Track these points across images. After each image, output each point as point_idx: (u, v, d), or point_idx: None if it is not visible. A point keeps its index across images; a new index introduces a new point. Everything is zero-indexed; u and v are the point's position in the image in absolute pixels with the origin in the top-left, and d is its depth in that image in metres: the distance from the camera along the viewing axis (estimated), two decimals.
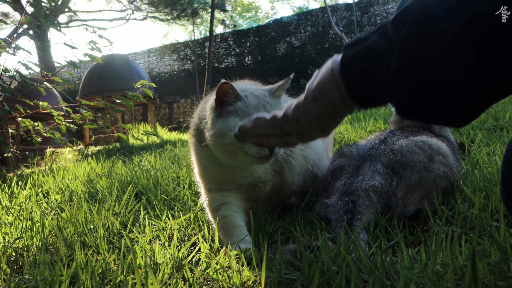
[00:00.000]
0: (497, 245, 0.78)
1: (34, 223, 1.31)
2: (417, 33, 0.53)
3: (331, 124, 0.67)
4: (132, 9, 12.64)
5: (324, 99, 0.64)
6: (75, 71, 11.11)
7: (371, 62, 0.58)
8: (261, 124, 0.74)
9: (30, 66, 3.13)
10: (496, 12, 0.48)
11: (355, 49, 0.61)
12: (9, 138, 3.78)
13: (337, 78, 0.62)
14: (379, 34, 0.59)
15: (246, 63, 9.92)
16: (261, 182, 1.22)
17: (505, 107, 2.89)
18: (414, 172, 1.14)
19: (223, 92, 1.03)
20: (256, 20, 20.60)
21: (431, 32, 0.53)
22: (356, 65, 0.60)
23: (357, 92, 0.61)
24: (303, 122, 0.68)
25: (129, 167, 2.48)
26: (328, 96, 0.63)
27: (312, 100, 0.65)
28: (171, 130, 6.48)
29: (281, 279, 0.79)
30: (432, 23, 0.52)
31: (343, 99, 0.62)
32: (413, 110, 0.59)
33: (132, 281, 0.80)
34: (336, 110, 0.64)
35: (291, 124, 0.69)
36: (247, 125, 0.77)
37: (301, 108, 0.67)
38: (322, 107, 0.65)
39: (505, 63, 0.51)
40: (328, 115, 0.65)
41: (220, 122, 1.03)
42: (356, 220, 1.03)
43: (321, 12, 9.02)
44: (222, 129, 1.02)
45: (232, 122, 1.01)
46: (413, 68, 0.54)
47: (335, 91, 0.62)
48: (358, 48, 0.60)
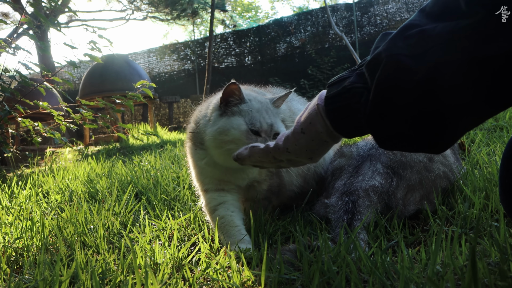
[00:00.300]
0: (497, 245, 0.78)
1: (34, 223, 1.31)
2: (388, 79, 0.60)
3: (319, 153, 0.75)
4: (132, 9, 12.64)
5: (311, 132, 0.72)
6: (75, 71, 11.11)
7: (350, 101, 0.66)
8: (256, 153, 0.83)
9: (30, 66, 3.13)
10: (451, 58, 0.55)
11: (336, 87, 0.68)
12: (9, 138, 3.78)
13: (322, 113, 0.70)
14: (357, 75, 0.67)
15: (246, 63, 9.92)
16: (256, 181, 1.23)
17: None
18: (414, 172, 1.14)
19: (230, 92, 1.06)
20: (256, 20, 20.61)
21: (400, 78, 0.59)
22: (337, 103, 0.68)
23: (340, 126, 0.69)
24: (293, 152, 0.76)
25: (129, 167, 2.48)
26: (315, 130, 0.71)
27: (300, 132, 0.74)
28: (171, 130, 6.49)
29: (281, 279, 0.79)
30: (401, 70, 0.59)
31: (328, 132, 0.70)
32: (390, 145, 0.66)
33: (132, 281, 0.80)
34: (322, 141, 0.72)
35: (282, 154, 0.78)
36: (243, 152, 0.86)
37: (291, 140, 0.75)
38: (309, 138, 0.73)
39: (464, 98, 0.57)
40: (316, 145, 0.73)
41: (224, 120, 1.06)
42: (356, 220, 1.03)
43: (321, 12, 9.02)
44: (225, 126, 1.04)
45: (235, 121, 1.04)
46: (386, 111, 0.62)
47: (321, 125, 0.70)
48: (339, 87, 0.68)
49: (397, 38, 0.61)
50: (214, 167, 1.16)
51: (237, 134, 1.03)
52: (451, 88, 0.56)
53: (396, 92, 0.60)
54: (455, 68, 0.55)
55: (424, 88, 0.58)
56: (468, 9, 0.54)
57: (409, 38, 0.59)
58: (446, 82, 0.56)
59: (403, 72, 0.59)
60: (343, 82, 0.68)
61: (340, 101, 0.67)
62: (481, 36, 0.53)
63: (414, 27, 0.60)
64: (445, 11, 0.58)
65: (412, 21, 0.61)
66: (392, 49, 0.60)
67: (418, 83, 0.58)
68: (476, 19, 0.53)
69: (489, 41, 0.53)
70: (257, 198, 1.23)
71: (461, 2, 0.55)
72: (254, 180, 1.22)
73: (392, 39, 0.61)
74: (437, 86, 0.57)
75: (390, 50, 0.60)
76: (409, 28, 0.60)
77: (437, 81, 0.57)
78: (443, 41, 0.56)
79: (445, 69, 0.56)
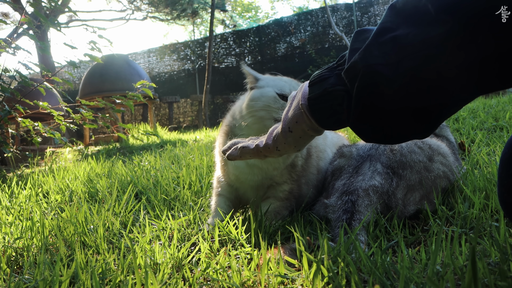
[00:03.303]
0: (497, 245, 0.78)
1: (34, 223, 1.31)
2: (366, 89, 0.63)
3: (305, 144, 0.81)
4: (132, 9, 12.64)
5: (298, 130, 0.77)
6: (75, 71, 11.11)
7: (332, 103, 0.70)
8: (246, 153, 0.87)
9: (30, 66, 3.13)
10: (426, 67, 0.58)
11: (318, 88, 0.72)
12: (9, 138, 3.78)
13: (306, 113, 0.74)
14: (337, 76, 0.70)
15: (246, 63, 9.92)
16: (275, 182, 1.26)
17: (505, 107, 2.89)
18: (414, 172, 1.14)
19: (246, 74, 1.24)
20: (256, 20, 20.61)
21: (378, 87, 0.62)
22: (320, 104, 0.72)
23: (326, 123, 0.73)
24: (282, 149, 0.81)
25: (129, 167, 2.48)
26: (301, 128, 0.76)
27: (288, 131, 0.78)
28: (171, 130, 6.48)
29: (281, 279, 0.79)
30: (378, 80, 0.62)
31: (314, 128, 0.75)
32: (375, 140, 0.72)
33: (132, 281, 0.80)
34: (309, 136, 0.78)
35: (273, 152, 0.83)
36: (233, 153, 0.89)
37: (280, 139, 0.80)
38: (297, 136, 0.78)
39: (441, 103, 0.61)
40: (303, 140, 0.79)
41: (254, 91, 1.19)
42: (355, 220, 1.03)
43: (321, 12, 9.02)
44: (255, 94, 1.17)
45: (264, 90, 1.17)
46: (368, 119, 0.66)
47: (306, 124, 0.75)
48: (320, 89, 0.71)
49: (372, 45, 0.62)
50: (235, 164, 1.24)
51: (266, 99, 1.14)
52: (430, 91, 0.59)
53: (375, 101, 0.63)
54: (430, 76, 0.58)
55: (403, 95, 0.61)
56: (438, 16, 0.55)
57: (384, 45, 0.61)
58: (424, 88, 0.59)
59: (381, 81, 0.61)
60: (323, 82, 0.71)
61: (323, 102, 0.71)
62: (452, 45, 0.55)
63: (388, 32, 0.61)
64: (415, 14, 0.59)
65: (385, 23, 0.63)
66: (368, 58, 0.62)
67: (396, 91, 0.61)
68: (446, 28, 0.55)
69: (460, 49, 0.54)
70: (278, 195, 1.26)
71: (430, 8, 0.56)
72: (273, 180, 1.26)
73: (367, 47, 0.63)
74: (416, 91, 0.60)
75: (366, 59, 0.62)
76: (383, 33, 0.62)
77: (415, 88, 0.60)
78: (416, 50, 0.58)
79: (421, 77, 0.58)
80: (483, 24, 0.52)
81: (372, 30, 0.66)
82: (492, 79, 0.56)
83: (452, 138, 1.57)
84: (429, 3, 0.56)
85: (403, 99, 0.61)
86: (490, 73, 0.56)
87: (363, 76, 0.63)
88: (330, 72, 0.72)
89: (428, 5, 0.56)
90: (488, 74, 0.56)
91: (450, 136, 1.56)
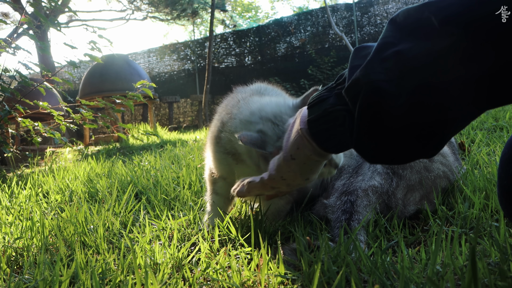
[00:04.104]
0: (497, 245, 0.78)
1: (34, 223, 1.31)
2: (370, 108, 0.60)
3: (314, 172, 0.76)
4: (132, 9, 12.65)
5: (300, 157, 0.72)
6: (75, 71, 11.11)
7: (334, 124, 0.66)
8: (253, 187, 0.85)
9: (30, 66, 3.13)
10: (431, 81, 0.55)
11: (317, 110, 0.68)
12: (9, 138, 3.78)
13: (307, 137, 0.69)
14: (337, 95, 0.66)
15: (246, 63, 9.92)
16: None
17: (505, 107, 2.89)
18: (413, 172, 1.14)
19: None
20: (256, 20, 20.61)
21: (382, 105, 0.59)
22: (321, 125, 0.68)
23: (328, 146, 0.69)
24: (288, 178, 0.77)
25: (129, 167, 2.48)
26: (303, 154, 0.72)
27: (290, 159, 0.74)
28: (171, 130, 6.49)
29: (281, 279, 0.79)
30: (382, 97, 0.58)
31: (317, 152, 0.70)
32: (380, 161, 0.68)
33: (132, 281, 0.80)
34: (314, 161, 0.73)
35: (279, 182, 0.79)
36: (242, 190, 0.88)
37: (283, 167, 0.76)
38: (301, 162, 0.73)
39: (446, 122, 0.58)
40: (308, 167, 0.74)
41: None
42: (353, 220, 1.03)
43: (321, 12, 9.02)
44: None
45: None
46: (372, 139, 0.62)
47: (308, 149, 0.70)
48: (320, 110, 0.68)
49: (374, 62, 0.59)
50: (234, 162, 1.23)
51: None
52: (436, 107, 0.56)
53: (379, 119, 0.60)
54: (436, 91, 0.55)
55: (408, 112, 0.57)
56: (442, 28, 0.53)
57: (386, 61, 0.58)
58: (430, 103, 0.56)
59: (384, 98, 0.58)
60: (323, 103, 0.68)
61: (323, 124, 0.67)
62: (458, 58, 0.52)
63: (389, 47, 0.58)
64: (418, 28, 0.56)
65: (386, 38, 0.60)
66: (370, 75, 0.59)
67: (401, 108, 0.57)
68: (452, 40, 0.52)
69: (468, 61, 0.52)
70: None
71: (433, 20, 0.54)
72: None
73: (369, 63, 0.60)
74: (422, 107, 0.57)
75: (368, 76, 0.59)
76: (385, 49, 0.59)
77: (421, 104, 0.57)
78: (421, 64, 0.55)
79: (427, 92, 0.56)
80: (491, 33, 0.50)
81: (372, 46, 0.63)
82: (502, 91, 0.54)
83: (452, 138, 1.57)
84: (432, 15, 0.54)
85: (409, 116, 0.58)
86: (501, 86, 0.53)
87: (366, 93, 0.59)
88: (329, 92, 0.68)
89: (431, 18, 0.54)
90: (498, 86, 0.53)
91: None
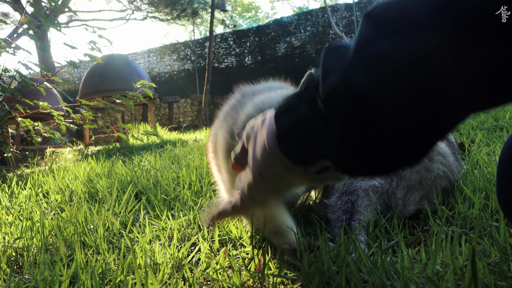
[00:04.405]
0: (497, 245, 0.78)
1: (34, 223, 1.31)
2: (354, 116, 0.52)
3: (290, 187, 0.67)
4: (132, 9, 12.65)
5: (271, 176, 0.63)
6: (75, 71, 11.11)
7: (308, 138, 0.57)
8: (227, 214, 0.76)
9: (30, 66, 3.13)
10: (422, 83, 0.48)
11: (287, 120, 0.60)
12: (9, 138, 3.78)
13: (276, 153, 0.60)
14: (309, 104, 0.57)
15: (246, 63, 9.92)
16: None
17: (505, 107, 2.89)
18: (414, 172, 1.14)
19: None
20: (256, 20, 20.62)
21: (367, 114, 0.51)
22: (293, 138, 0.59)
23: (303, 161, 0.60)
24: (260, 200, 0.68)
25: (129, 167, 2.48)
26: (275, 172, 0.62)
27: (260, 180, 0.64)
28: (171, 130, 6.48)
29: (281, 279, 0.79)
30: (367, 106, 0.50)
31: (289, 169, 0.61)
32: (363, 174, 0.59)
33: (132, 281, 0.80)
34: (288, 179, 0.63)
35: (251, 204, 0.70)
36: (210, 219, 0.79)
37: (253, 189, 0.67)
38: (271, 181, 0.64)
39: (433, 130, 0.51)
40: (282, 185, 0.65)
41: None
42: (354, 220, 1.03)
43: (321, 12, 9.02)
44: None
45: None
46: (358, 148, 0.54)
47: (280, 167, 0.61)
48: (290, 121, 0.59)
49: (353, 63, 0.52)
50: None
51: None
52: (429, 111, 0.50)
53: (364, 128, 0.52)
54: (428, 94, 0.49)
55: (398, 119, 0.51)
56: (433, 22, 0.46)
57: (368, 63, 0.51)
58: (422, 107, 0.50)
59: (370, 107, 0.51)
60: (293, 112, 0.60)
61: (297, 136, 0.59)
62: (453, 55, 0.46)
63: (369, 45, 0.51)
64: (401, 22, 0.49)
65: (364, 35, 0.52)
66: (350, 78, 0.52)
67: (389, 114, 0.50)
68: (444, 35, 0.46)
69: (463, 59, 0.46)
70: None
71: (422, 13, 0.47)
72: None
73: (349, 67, 0.52)
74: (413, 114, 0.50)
75: (348, 80, 0.52)
76: (365, 48, 0.51)
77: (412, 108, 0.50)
78: (408, 65, 0.48)
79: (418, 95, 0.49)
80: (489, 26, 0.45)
81: (346, 46, 0.56)
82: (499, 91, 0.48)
83: (452, 138, 1.57)
84: (421, 6, 0.47)
85: (399, 124, 0.51)
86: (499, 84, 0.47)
87: (348, 100, 0.52)
88: (297, 99, 0.60)
89: (419, 10, 0.47)
90: (497, 85, 0.47)
91: (450, 136, 1.56)
